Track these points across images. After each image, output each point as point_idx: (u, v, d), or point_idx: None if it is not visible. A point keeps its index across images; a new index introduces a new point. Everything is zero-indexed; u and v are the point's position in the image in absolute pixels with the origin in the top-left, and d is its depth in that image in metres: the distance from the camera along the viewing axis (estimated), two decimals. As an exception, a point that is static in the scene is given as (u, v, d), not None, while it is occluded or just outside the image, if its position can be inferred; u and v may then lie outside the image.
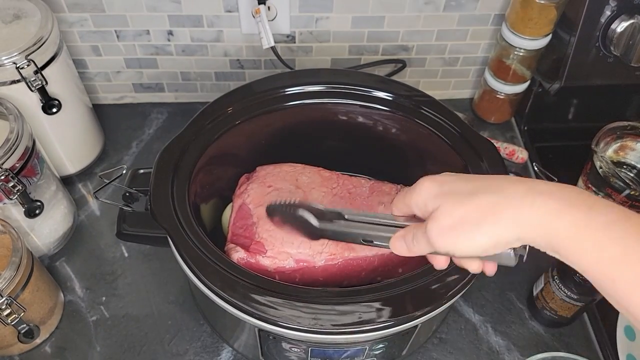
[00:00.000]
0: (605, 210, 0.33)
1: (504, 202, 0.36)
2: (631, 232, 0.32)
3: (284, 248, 0.59)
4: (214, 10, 0.77)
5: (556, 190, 0.35)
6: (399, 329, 0.51)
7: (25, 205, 0.64)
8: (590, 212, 0.33)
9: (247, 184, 0.66)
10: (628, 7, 0.70)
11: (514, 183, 0.36)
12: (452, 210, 0.38)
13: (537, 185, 0.36)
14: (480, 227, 0.36)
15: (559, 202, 0.34)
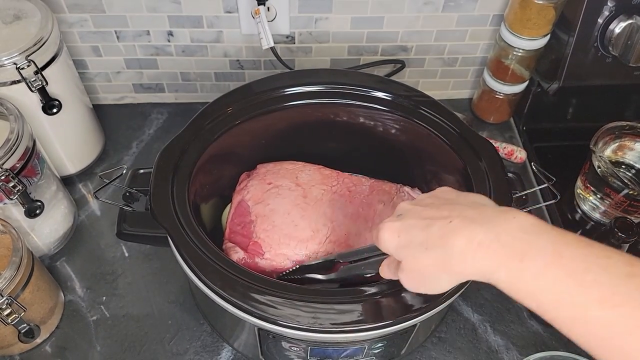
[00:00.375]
0: (536, 258, 0.35)
1: (450, 259, 0.39)
2: (560, 277, 0.34)
3: (280, 249, 0.59)
4: (214, 11, 0.77)
5: (494, 239, 0.37)
6: (398, 328, 0.51)
7: (25, 205, 0.65)
8: (522, 263, 0.36)
9: (247, 181, 0.66)
10: (626, 7, 0.71)
11: (455, 234, 0.39)
12: (412, 266, 0.42)
13: (477, 234, 0.38)
14: (438, 279, 0.42)
15: (495, 255, 0.37)
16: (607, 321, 0.33)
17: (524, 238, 0.36)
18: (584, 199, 0.78)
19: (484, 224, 0.38)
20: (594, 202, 0.76)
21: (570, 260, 0.35)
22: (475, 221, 0.39)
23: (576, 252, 0.35)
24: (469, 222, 0.39)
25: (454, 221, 0.40)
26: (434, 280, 0.42)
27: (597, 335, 0.33)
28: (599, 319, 0.33)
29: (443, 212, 0.41)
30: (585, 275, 0.34)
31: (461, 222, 0.39)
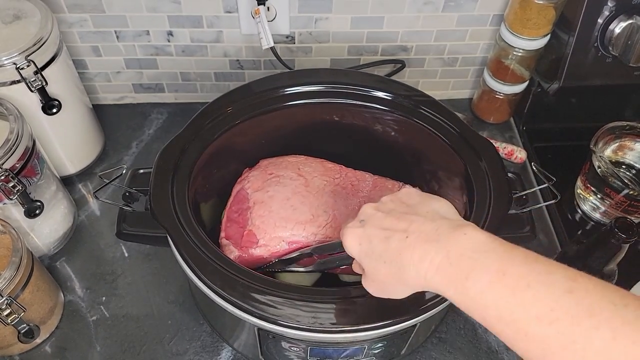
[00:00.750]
0: (480, 276, 0.37)
1: (405, 273, 0.41)
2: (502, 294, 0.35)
3: (276, 232, 0.59)
4: (214, 11, 0.77)
5: (444, 257, 0.39)
6: (398, 328, 0.51)
7: (25, 206, 0.65)
8: (467, 281, 0.37)
9: (248, 172, 0.66)
10: (626, 7, 0.71)
11: (409, 251, 0.41)
12: (373, 275, 0.45)
13: (428, 252, 0.40)
14: (396, 289, 0.44)
15: (444, 273, 0.39)
16: (544, 337, 0.33)
17: (472, 256, 0.38)
18: (584, 199, 0.78)
19: (436, 241, 0.40)
20: (594, 202, 0.76)
21: (512, 278, 0.35)
22: (430, 239, 0.40)
23: (520, 269, 0.36)
24: (424, 239, 0.40)
25: (410, 237, 0.41)
26: (392, 289, 0.45)
27: (536, 351, 0.34)
28: (537, 335, 0.34)
29: (402, 224, 0.43)
30: (526, 292, 0.35)
31: (416, 239, 0.41)
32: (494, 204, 0.57)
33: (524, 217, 0.61)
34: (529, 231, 0.60)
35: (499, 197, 0.57)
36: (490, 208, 0.57)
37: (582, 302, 0.33)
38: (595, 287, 0.34)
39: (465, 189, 0.60)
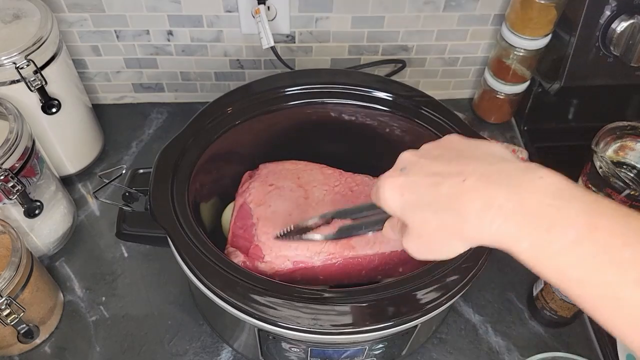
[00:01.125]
0: (566, 230, 0.31)
1: (463, 223, 0.35)
2: (593, 252, 0.31)
3: (281, 251, 0.59)
4: (214, 10, 0.77)
5: (517, 204, 0.33)
6: (399, 329, 0.51)
7: (24, 205, 0.64)
8: (549, 234, 0.32)
9: (249, 182, 0.66)
10: (628, 7, 0.70)
11: (470, 196, 0.34)
12: (419, 231, 0.38)
13: (496, 197, 0.33)
14: (448, 245, 0.38)
15: (517, 223, 0.33)
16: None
17: (553, 204, 0.32)
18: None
19: (504, 184, 0.33)
20: (595, 202, 0.76)
21: (605, 233, 0.30)
22: (494, 180, 0.34)
23: (613, 224, 0.30)
24: (486, 181, 0.34)
25: (467, 180, 0.35)
26: (443, 246, 0.38)
27: (628, 316, 0.30)
28: (632, 299, 0.29)
29: (454, 168, 0.36)
30: (623, 251, 0.30)
31: (476, 182, 0.34)
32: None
33: (525, 217, 0.61)
34: (530, 232, 0.60)
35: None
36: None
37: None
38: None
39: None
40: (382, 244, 0.61)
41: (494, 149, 0.38)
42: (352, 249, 0.60)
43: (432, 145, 0.41)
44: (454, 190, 0.35)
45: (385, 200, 0.39)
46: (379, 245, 0.61)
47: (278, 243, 0.59)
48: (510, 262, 0.76)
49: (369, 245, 0.61)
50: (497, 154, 0.37)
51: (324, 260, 0.59)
